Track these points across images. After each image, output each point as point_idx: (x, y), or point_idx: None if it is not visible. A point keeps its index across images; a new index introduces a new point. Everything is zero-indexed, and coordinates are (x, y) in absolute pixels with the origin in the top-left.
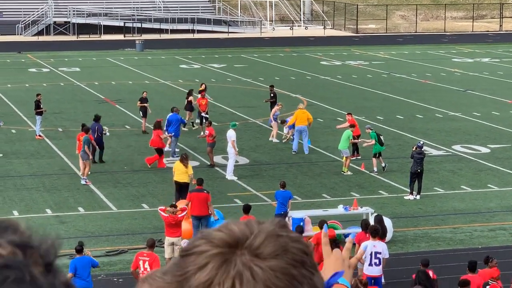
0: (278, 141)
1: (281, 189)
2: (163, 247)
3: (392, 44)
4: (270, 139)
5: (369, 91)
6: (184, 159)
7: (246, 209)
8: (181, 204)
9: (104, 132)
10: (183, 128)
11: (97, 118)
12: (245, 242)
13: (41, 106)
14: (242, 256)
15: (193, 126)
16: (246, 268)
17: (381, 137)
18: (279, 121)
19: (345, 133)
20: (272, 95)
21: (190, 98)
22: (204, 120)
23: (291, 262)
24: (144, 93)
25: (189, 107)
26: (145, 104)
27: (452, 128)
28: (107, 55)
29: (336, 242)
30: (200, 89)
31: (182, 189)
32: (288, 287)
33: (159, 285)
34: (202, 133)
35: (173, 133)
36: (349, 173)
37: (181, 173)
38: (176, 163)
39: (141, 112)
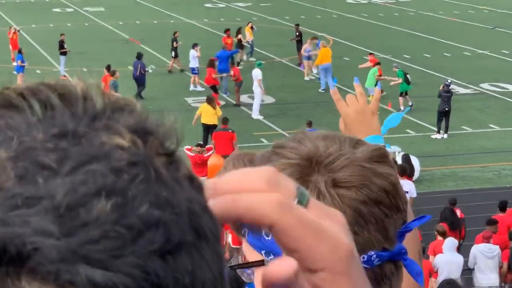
0: (314, 78)
1: (307, 128)
2: None
3: None
4: (305, 78)
5: (395, 30)
6: (212, 101)
7: None
8: None
9: (147, 69)
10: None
11: (139, 56)
12: (324, 161)
13: (65, 46)
14: (318, 175)
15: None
16: (315, 190)
17: (408, 75)
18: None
19: (371, 70)
20: (297, 33)
21: (239, 36)
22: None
23: (364, 198)
24: (176, 33)
25: (239, 45)
26: (177, 44)
27: (480, 66)
28: None
29: None
30: (248, 26)
31: (210, 131)
32: (350, 224)
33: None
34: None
35: (226, 74)
36: None
37: (210, 115)
38: (204, 105)
39: (172, 52)
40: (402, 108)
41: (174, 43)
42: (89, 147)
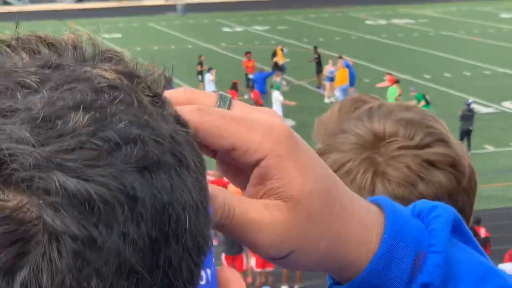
0: (334, 100)
1: None
2: None
3: (439, 1)
4: (325, 100)
5: (415, 50)
6: None
7: None
8: None
9: None
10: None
11: (168, 80)
12: (382, 142)
13: None
14: (375, 155)
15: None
16: (363, 166)
17: (427, 96)
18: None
19: (390, 90)
20: (316, 56)
21: (276, 59)
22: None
23: (397, 197)
24: (202, 56)
25: (275, 67)
26: (203, 68)
27: (501, 84)
28: (148, 21)
29: None
30: (279, 48)
31: None
32: None
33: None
34: (246, 96)
35: (247, 96)
36: None
37: None
38: None
39: (199, 76)
40: None
41: (199, 66)
42: (71, 73)
